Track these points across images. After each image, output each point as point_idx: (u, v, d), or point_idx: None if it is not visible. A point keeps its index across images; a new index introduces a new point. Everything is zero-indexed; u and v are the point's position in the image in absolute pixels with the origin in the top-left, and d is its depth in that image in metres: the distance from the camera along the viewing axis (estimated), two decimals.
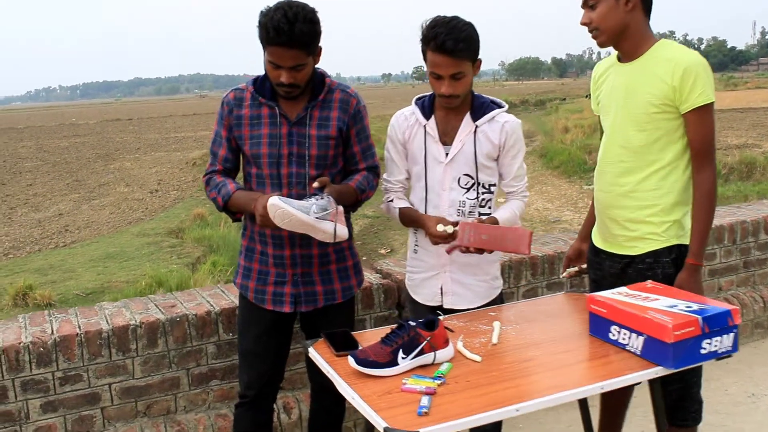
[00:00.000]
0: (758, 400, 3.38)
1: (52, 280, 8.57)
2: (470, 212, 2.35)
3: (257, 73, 2.29)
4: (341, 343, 2.03)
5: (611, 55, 2.40)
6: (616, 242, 2.37)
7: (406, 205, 2.44)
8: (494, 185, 2.39)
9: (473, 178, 2.34)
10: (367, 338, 2.08)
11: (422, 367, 1.85)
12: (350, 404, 1.75)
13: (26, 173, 21.68)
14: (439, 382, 1.75)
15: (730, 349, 1.89)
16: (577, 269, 2.63)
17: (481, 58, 2.28)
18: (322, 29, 2.11)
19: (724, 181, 13.14)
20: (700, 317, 1.82)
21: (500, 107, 2.38)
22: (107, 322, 2.66)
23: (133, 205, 14.97)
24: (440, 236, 2.24)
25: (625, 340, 1.94)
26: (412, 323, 1.88)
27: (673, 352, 1.79)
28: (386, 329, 2.12)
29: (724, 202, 8.37)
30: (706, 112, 2.16)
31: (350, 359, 1.83)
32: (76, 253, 10.38)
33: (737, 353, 1.93)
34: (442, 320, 1.94)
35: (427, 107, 2.38)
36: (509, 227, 2.23)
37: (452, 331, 2.03)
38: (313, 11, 2.08)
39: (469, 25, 2.22)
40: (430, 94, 2.40)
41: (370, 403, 1.66)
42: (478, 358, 1.91)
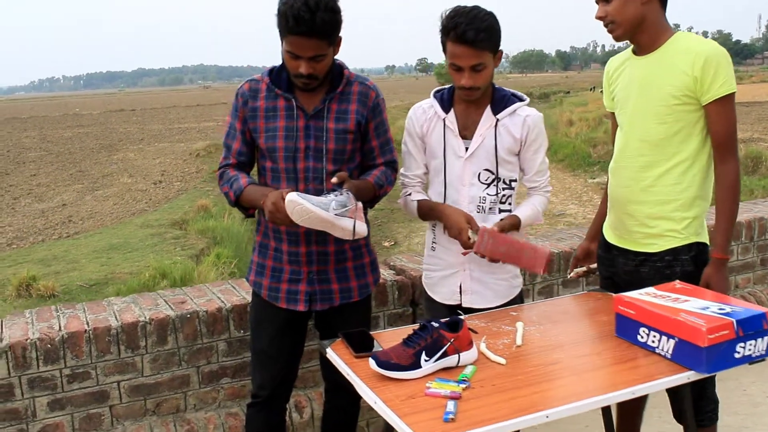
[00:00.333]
0: None
1: (55, 270, 8.53)
2: (490, 208, 2.29)
3: (262, 63, 2.21)
4: (358, 343, 1.96)
5: (627, 49, 2.35)
6: (632, 239, 2.31)
7: (424, 197, 2.37)
8: (515, 181, 2.33)
9: (494, 173, 2.28)
10: (384, 338, 2.01)
11: (445, 369, 1.78)
12: (363, 403, 1.68)
13: (29, 163, 21.62)
14: (464, 386, 1.69)
15: (764, 353, 1.82)
16: (585, 269, 2.59)
17: (502, 49, 2.21)
18: (343, 18, 2.03)
19: None
20: (734, 320, 1.75)
21: (521, 100, 2.31)
22: (116, 318, 2.60)
23: (136, 196, 14.91)
24: (462, 240, 2.18)
25: (654, 342, 1.87)
26: (435, 324, 1.81)
27: (706, 356, 1.73)
28: (404, 329, 2.06)
29: None
30: (728, 102, 2.11)
31: (371, 361, 1.76)
32: (79, 244, 10.33)
33: None
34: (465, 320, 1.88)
35: (446, 100, 2.32)
36: (530, 244, 2.19)
37: (476, 332, 1.96)
38: None
39: (490, 14, 2.15)
40: (449, 86, 2.34)
41: (393, 408, 1.60)
42: (502, 360, 1.84)
